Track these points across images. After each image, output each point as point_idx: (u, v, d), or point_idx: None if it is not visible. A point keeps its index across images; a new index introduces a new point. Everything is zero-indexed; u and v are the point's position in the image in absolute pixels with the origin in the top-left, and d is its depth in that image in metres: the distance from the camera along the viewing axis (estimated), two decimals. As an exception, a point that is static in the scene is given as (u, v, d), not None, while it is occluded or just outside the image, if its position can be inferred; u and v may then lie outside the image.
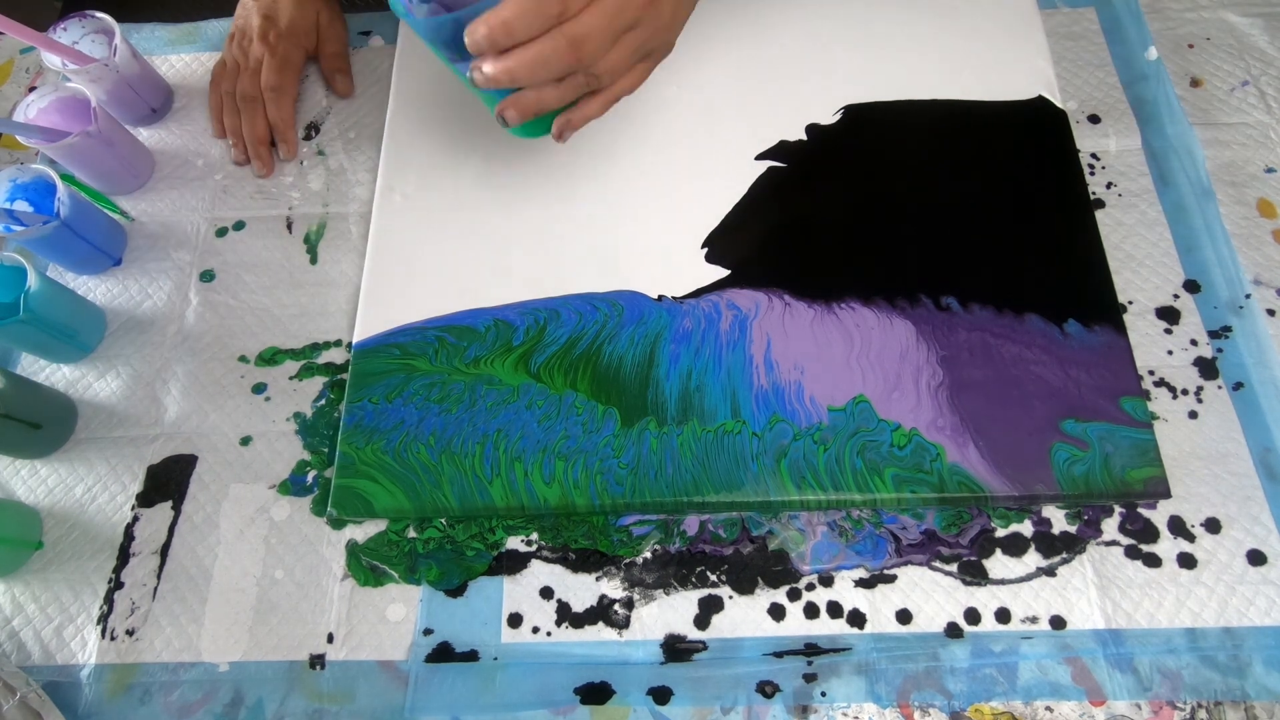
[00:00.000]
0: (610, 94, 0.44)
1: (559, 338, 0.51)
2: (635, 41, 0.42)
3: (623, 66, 0.42)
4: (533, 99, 0.41)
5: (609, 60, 0.41)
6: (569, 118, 0.44)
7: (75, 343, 0.54)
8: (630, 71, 0.43)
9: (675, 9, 0.43)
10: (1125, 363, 0.48)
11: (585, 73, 0.41)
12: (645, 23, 0.41)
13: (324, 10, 0.63)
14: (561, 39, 0.38)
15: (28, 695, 0.44)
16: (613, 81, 0.43)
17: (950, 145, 0.55)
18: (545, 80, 0.40)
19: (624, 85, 0.44)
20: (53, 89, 0.55)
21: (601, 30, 0.39)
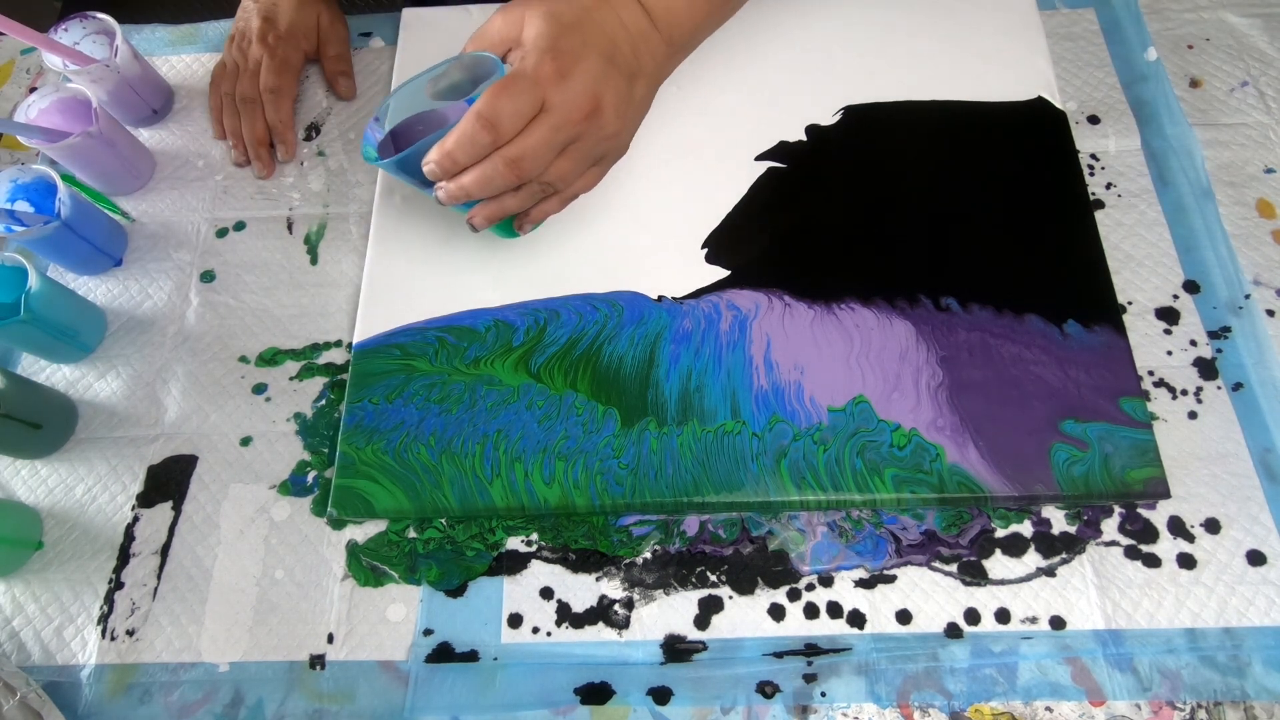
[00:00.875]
0: (566, 195, 0.47)
1: (559, 338, 0.51)
2: (580, 153, 0.44)
3: (573, 173, 0.45)
4: (494, 208, 0.45)
5: (557, 170, 0.44)
6: (528, 215, 0.47)
7: (76, 343, 0.54)
8: (583, 175, 0.46)
9: (621, 120, 0.44)
10: (1125, 363, 0.48)
11: (536, 182, 0.44)
12: (587, 135, 0.43)
13: (325, 12, 0.63)
14: (500, 161, 0.41)
15: (28, 695, 0.44)
16: (567, 186, 0.46)
17: (950, 146, 0.55)
18: (497, 192, 0.43)
19: (579, 187, 0.47)
20: (54, 90, 0.56)
21: (537, 150, 0.42)
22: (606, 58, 0.43)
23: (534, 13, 0.43)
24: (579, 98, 0.42)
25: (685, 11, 0.47)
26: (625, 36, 0.45)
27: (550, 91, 0.41)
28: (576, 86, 0.41)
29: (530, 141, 0.41)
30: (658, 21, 0.46)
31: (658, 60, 0.47)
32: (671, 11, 0.46)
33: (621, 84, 0.44)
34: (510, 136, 0.41)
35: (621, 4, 0.45)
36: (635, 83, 0.45)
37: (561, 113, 0.41)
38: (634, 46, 0.45)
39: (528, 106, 0.41)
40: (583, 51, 0.42)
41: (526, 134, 0.41)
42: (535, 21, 0.43)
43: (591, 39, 0.43)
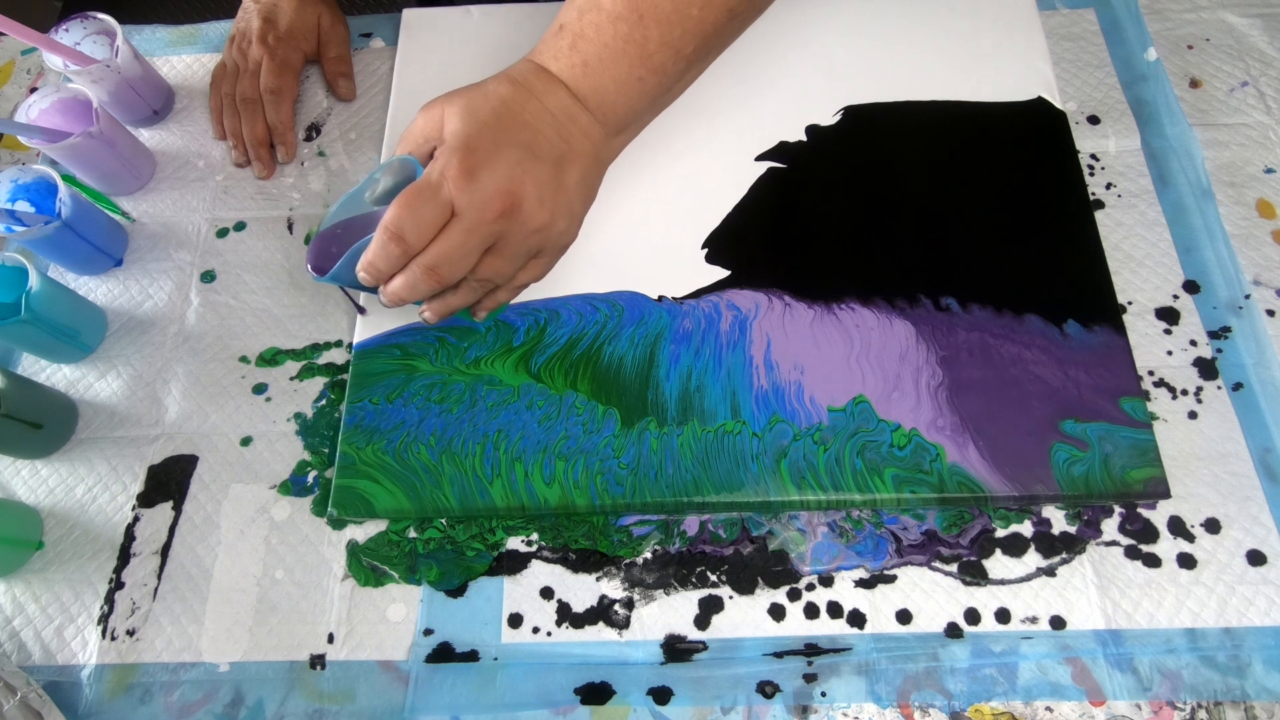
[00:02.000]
0: (513, 287, 0.47)
1: (559, 338, 0.51)
2: (509, 249, 0.43)
3: (507, 269, 0.44)
4: (438, 305, 0.45)
5: (488, 268, 0.43)
6: (480, 304, 0.47)
7: (76, 343, 0.54)
8: (525, 269, 0.45)
9: (548, 210, 0.42)
10: (1125, 363, 0.48)
11: (473, 279, 0.43)
12: (510, 232, 0.42)
13: (325, 13, 0.64)
14: (419, 269, 0.41)
15: (28, 695, 0.44)
16: (507, 280, 0.45)
17: (950, 146, 0.55)
18: (429, 295, 0.43)
19: (524, 279, 0.46)
20: (54, 90, 0.56)
21: (452, 255, 0.41)
22: (525, 148, 0.41)
23: (451, 110, 0.42)
24: (490, 198, 0.40)
25: (616, 95, 0.44)
26: (549, 122, 0.43)
27: (458, 194, 0.40)
28: (487, 186, 0.40)
29: (444, 248, 0.40)
30: (588, 104, 0.44)
31: (594, 141, 0.44)
32: (600, 94, 0.44)
33: (544, 173, 0.42)
34: (421, 245, 0.41)
35: (545, 90, 0.43)
36: (565, 168, 0.43)
37: (472, 214, 0.40)
38: (561, 131, 0.43)
39: (433, 214, 0.40)
40: (495, 148, 0.41)
41: (440, 240, 0.41)
42: (450, 119, 0.42)
43: (506, 132, 0.41)
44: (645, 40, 0.43)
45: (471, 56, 0.62)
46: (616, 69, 0.43)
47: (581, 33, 0.43)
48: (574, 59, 0.44)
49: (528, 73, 0.44)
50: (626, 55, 0.43)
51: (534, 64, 0.45)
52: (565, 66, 0.44)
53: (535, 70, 0.44)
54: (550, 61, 0.44)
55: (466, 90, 0.44)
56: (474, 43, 0.62)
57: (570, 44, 0.44)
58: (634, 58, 0.43)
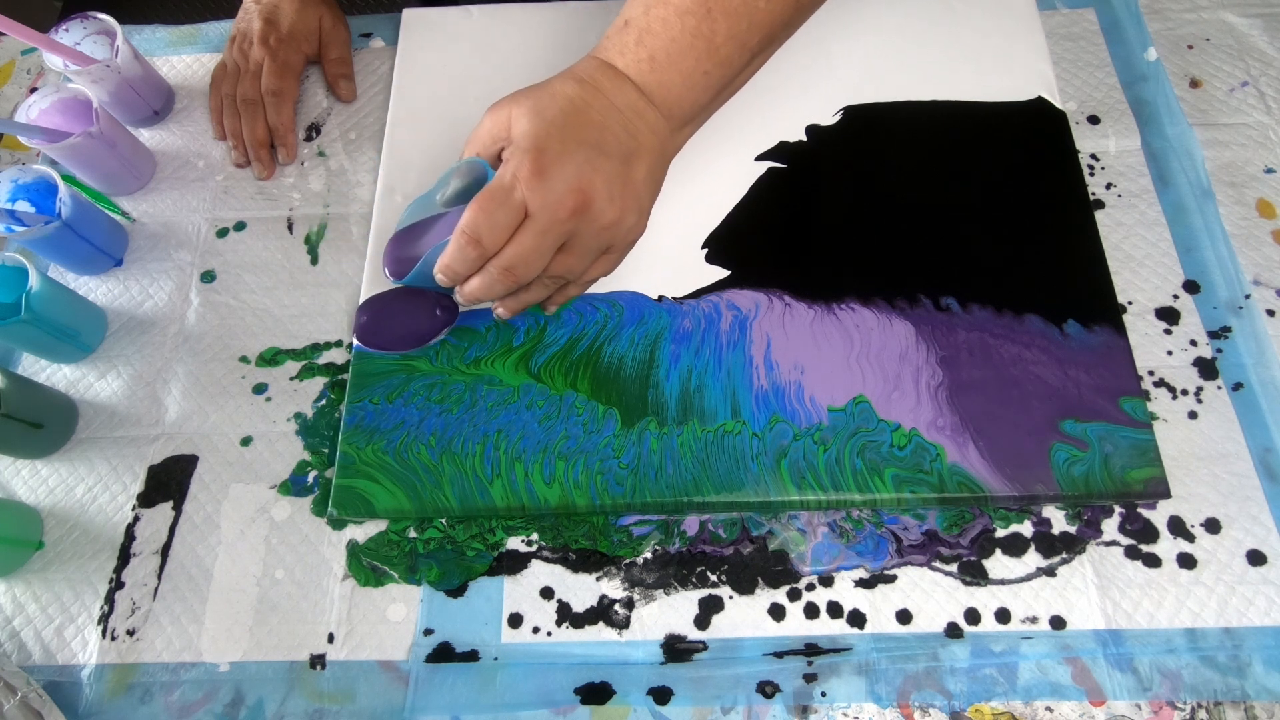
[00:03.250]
0: (583, 282, 0.48)
1: (559, 338, 0.51)
2: (580, 247, 0.44)
3: (579, 266, 0.45)
4: (513, 302, 0.47)
5: (560, 266, 0.44)
6: (550, 299, 0.49)
7: (76, 343, 0.54)
8: (594, 265, 0.46)
9: (618, 207, 0.43)
10: (1125, 363, 0.48)
11: (546, 277, 0.44)
12: (582, 230, 0.42)
13: (326, 14, 0.64)
14: (495, 269, 0.43)
15: (28, 695, 0.44)
16: (578, 276, 0.46)
17: (950, 146, 0.55)
18: (505, 294, 0.45)
19: (594, 274, 0.48)
20: (54, 90, 0.56)
21: (528, 255, 0.42)
22: (593, 147, 0.42)
23: (518, 111, 0.42)
24: (562, 197, 0.41)
25: (682, 89, 0.44)
26: (617, 118, 0.43)
27: (531, 196, 0.40)
28: (559, 186, 0.40)
29: (519, 249, 0.41)
30: (654, 98, 0.44)
31: (659, 136, 0.45)
32: (667, 88, 0.44)
33: (613, 170, 0.42)
34: (496, 247, 0.41)
35: (612, 87, 0.44)
36: (633, 164, 0.43)
37: (545, 215, 0.41)
38: (628, 127, 0.43)
39: (507, 216, 0.41)
40: (564, 147, 0.41)
41: (515, 242, 0.41)
42: (519, 120, 0.42)
43: (575, 131, 0.42)
44: (713, 34, 0.43)
45: (471, 56, 0.62)
46: (683, 63, 0.44)
47: (648, 28, 0.43)
48: (640, 54, 0.44)
49: (594, 70, 0.44)
50: (694, 49, 0.43)
51: (599, 61, 0.45)
52: (632, 62, 0.44)
53: (601, 67, 0.44)
54: (616, 58, 0.44)
55: (532, 90, 0.44)
56: (474, 43, 0.62)
57: (636, 39, 0.44)
58: (701, 51, 0.43)
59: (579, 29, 0.62)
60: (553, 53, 0.61)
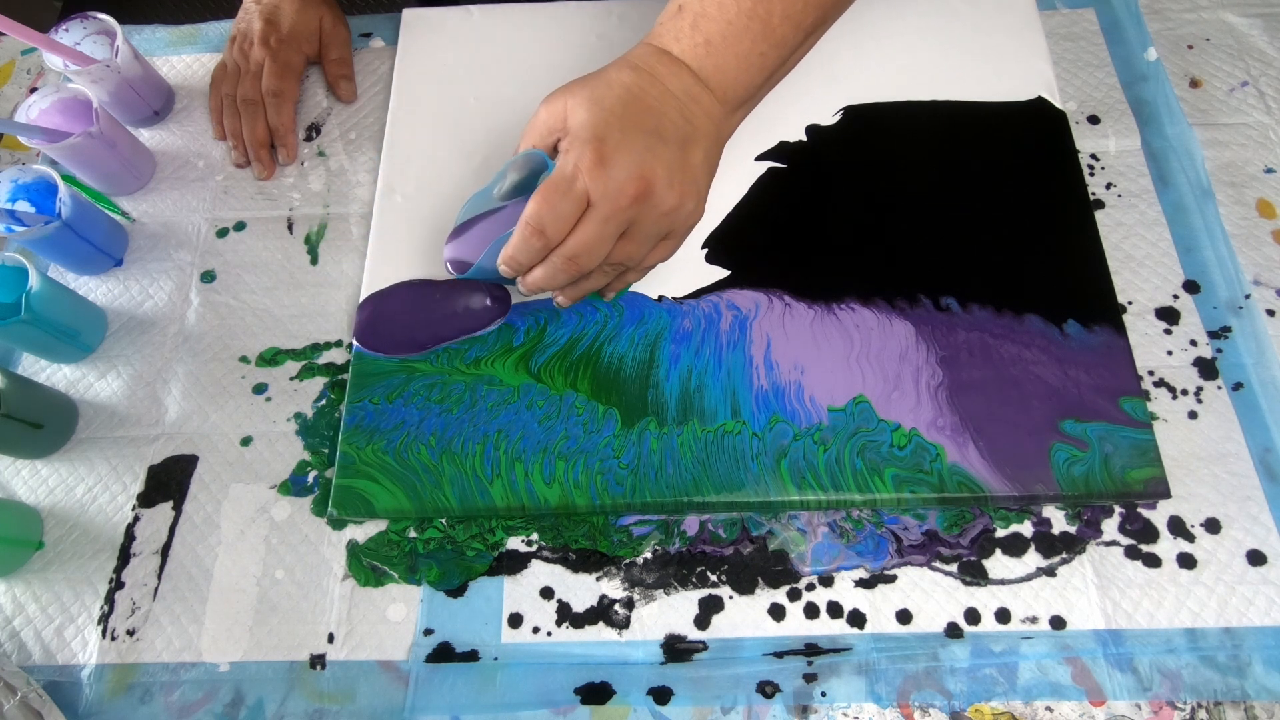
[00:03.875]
0: (642, 269, 0.48)
1: (559, 338, 0.51)
2: (640, 234, 0.44)
3: (640, 252, 0.45)
4: (573, 291, 0.48)
5: (621, 253, 0.44)
6: (609, 287, 0.50)
7: (76, 343, 0.54)
8: (654, 251, 0.46)
9: (678, 193, 0.43)
10: (1125, 363, 0.48)
11: (607, 264, 0.44)
12: (643, 217, 0.43)
13: (327, 15, 0.64)
14: (558, 259, 0.43)
15: (28, 695, 0.44)
16: (638, 263, 0.46)
17: (950, 146, 0.55)
18: (567, 283, 0.45)
19: (654, 260, 0.47)
20: (54, 90, 0.56)
21: (590, 245, 0.42)
22: (652, 133, 0.42)
23: (574, 101, 0.42)
24: (624, 184, 0.41)
25: (737, 71, 0.45)
26: (673, 104, 0.43)
27: (593, 185, 0.41)
28: (619, 174, 0.41)
29: (582, 238, 0.42)
30: (709, 82, 0.44)
31: (714, 120, 0.45)
32: (723, 72, 0.44)
33: (672, 155, 0.42)
34: (560, 238, 0.42)
35: (668, 73, 0.44)
36: (690, 149, 0.44)
37: (608, 204, 0.41)
38: (684, 112, 0.44)
39: (570, 207, 0.41)
40: (624, 135, 0.41)
41: (578, 231, 0.42)
42: (576, 111, 0.42)
43: (634, 119, 0.42)
44: (769, 15, 0.44)
45: (471, 56, 0.62)
46: (739, 45, 0.44)
47: (703, 11, 0.44)
48: (696, 39, 0.44)
49: (648, 56, 0.44)
50: (749, 31, 0.44)
51: (654, 47, 0.45)
52: (688, 47, 0.44)
53: (656, 53, 0.44)
54: (671, 43, 0.44)
55: (588, 80, 0.44)
56: (474, 43, 0.62)
57: (691, 24, 0.44)
58: (757, 33, 0.44)
59: (579, 29, 0.62)
60: (553, 53, 0.61)
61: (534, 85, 0.60)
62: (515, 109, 0.59)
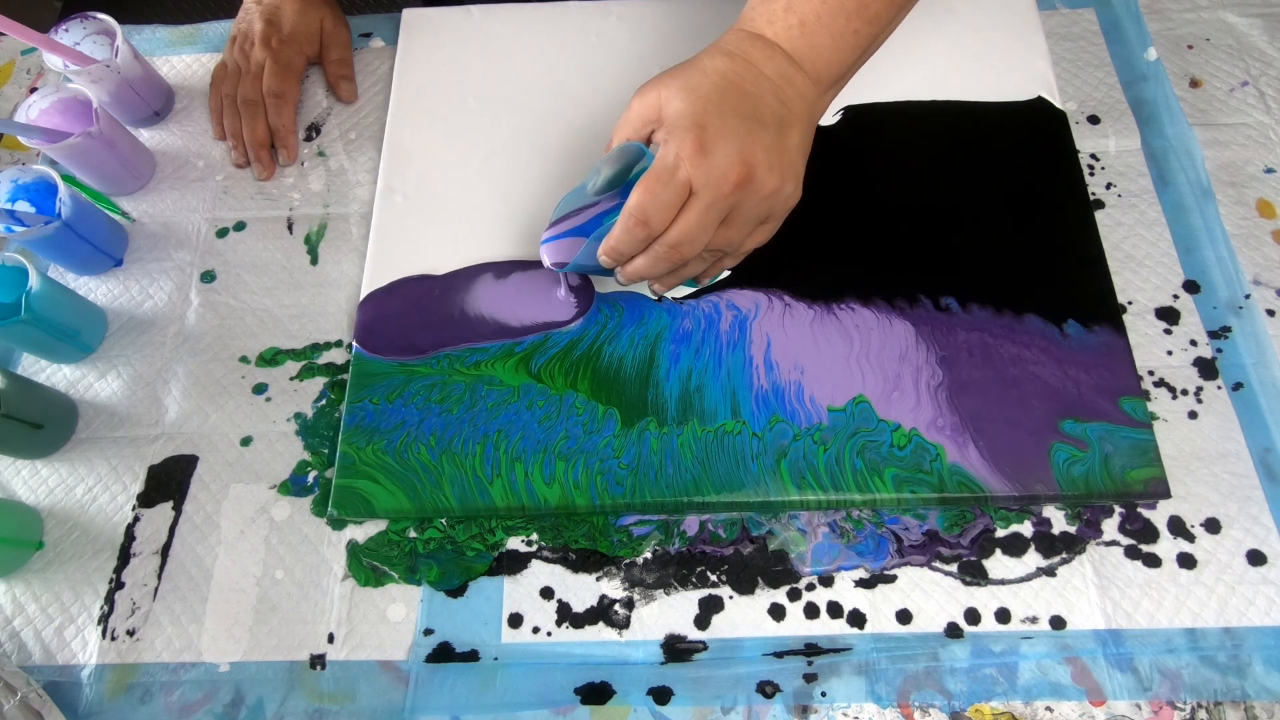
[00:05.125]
0: (739, 254, 0.47)
1: (560, 339, 0.51)
2: (741, 219, 0.43)
3: (739, 238, 0.45)
4: (671, 279, 0.47)
5: (722, 239, 0.44)
6: (705, 273, 0.49)
7: (76, 343, 0.54)
8: (753, 234, 0.46)
9: (778, 176, 0.42)
10: (1125, 363, 0.48)
11: (706, 250, 0.44)
12: (744, 202, 0.42)
13: (328, 16, 0.64)
14: (661, 248, 0.43)
15: (28, 695, 0.44)
16: (736, 248, 0.46)
17: (950, 146, 0.55)
18: (668, 271, 0.45)
19: (751, 244, 0.47)
20: (54, 90, 0.56)
21: (693, 233, 0.42)
22: (750, 118, 0.42)
23: (668, 92, 0.42)
24: (726, 171, 0.41)
25: (832, 50, 0.44)
26: (769, 88, 0.43)
27: (695, 172, 0.40)
28: (721, 161, 0.40)
29: (685, 227, 0.42)
30: (803, 64, 0.44)
31: (808, 101, 0.44)
32: (817, 52, 0.44)
33: (771, 139, 0.42)
34: (664, 227, 0.42)
35: (762, 57, 0.44)
36: (787, 131, 0.43)
37: (711, 191, 0.41)
38: (779, 95, 0.43)
39: (674, 196, 0.41)
40: (723, 122, 0.41)
41: (680, 220, 0.42)
42: (672, 100, 0.42)
43: (731, 105, 0.42)
44: None
45: (471, 56, 0.62)
46: (834, 24, 0.44)
47: None
48: (790, 20, 0.44)
49: (741, 41, 0.44)
50: (844, 9, 0.44)
51: (746, 32, 0.45)
52: (782, 29, 0.44)
53: (749, 38, 0.44)
54: (765, 27, 0.44)
55: (681, 70, 0.44)
56: (474, 43, 0.62)
57: (785, 6, 0.44)
58: (851, 10, 0.44)
59: (579, 29, 0.62)
60: (553, 53, 0.61)
61: (534, 85, 0.60)
62: (515, 109, 0.59)
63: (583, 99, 0.59)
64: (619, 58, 0.61)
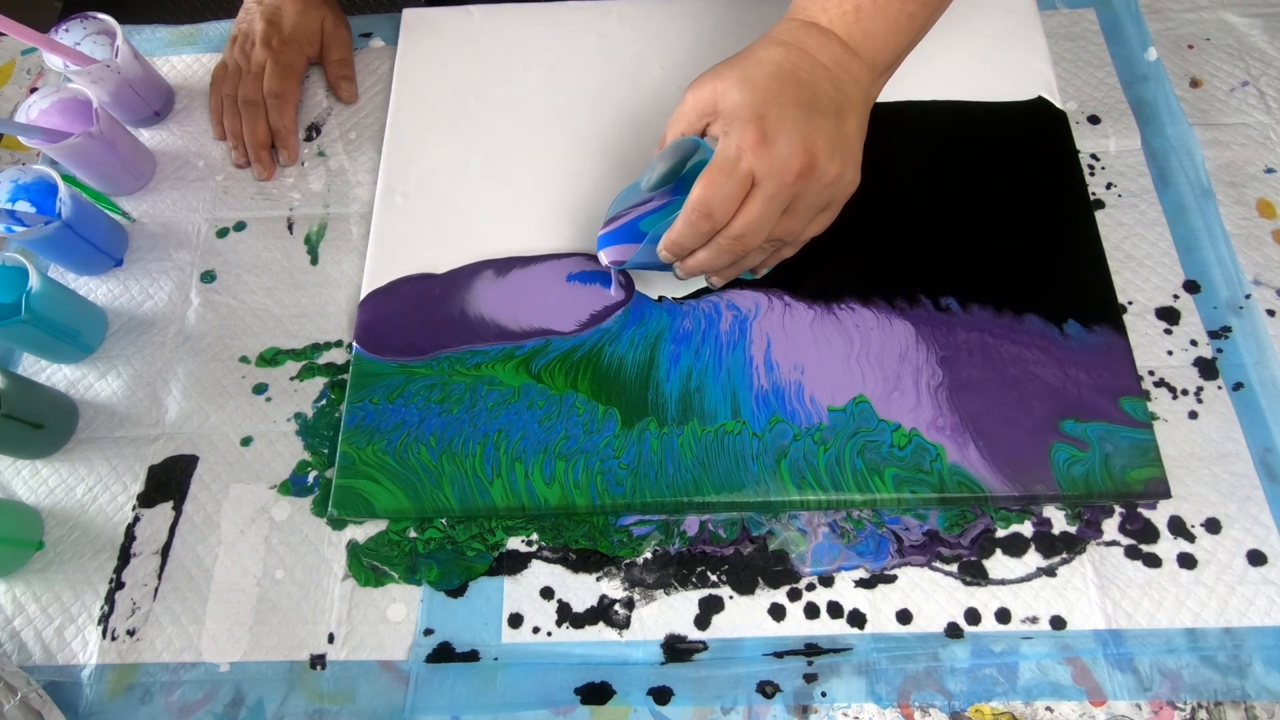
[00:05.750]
0: (798, 243, 0.47)
1: (560, 345, 0.51)
2: (803, 207, 0.43)
3: (800, 226, 0.45)
4: (731, 270, 0.47)
5: (784, 228, 0.44)
6: (764, 263, 0.49)
7: (76, 343, 0.54)
8: (813, 222, 0.46)
9: (839, 162, 0.42)
10: (1125, 363, 0.48)
11: (767, 241, 0.44)
12: (806, 192, 0.42)
13: (328, 16, 0.64)
14: (724, 240, 0.43)
15: (29, 695, 0.44)
16: (797, 237, 0.46)
17: (950, 146, 0.55)
18: (729, 264, 0.45)
19: (811, 233, 0.46)
20: (54, 90, 0.56)
21: (756, 223, 0.42)
22: (808, 106, 0.42)
23: (724, 85, 0.42)
24: (789, 160, 0.40)
25: (887, 34, 0.44)
26: (825, 75, 0.43)
27: (758, 163, 0.40)
28: (784, 150, 0.40)
29: (748, 218, 0.42)
30: (858, 49, 0.44)
31: (863, 86, 0.45)
32: (873, 37, 0.44)
33: (829, 126, 0.42)
34: (727, 219, 0.42)
35: (817, 45, 0.43)
36: (845, 118, 0.43)
37: (774, 181, 0.41)
38: (835, 82, 0.43)
39: (737, 188, 0.41)
40: (784, 111, 0.41)
41: (744, 211, 0.42)
42: (729, 93, 0.42)
43: (790, 94, 0.42)
44: None
45: (471, 56, 0.62)
46: (890, 8, 0.44)
47: None
48: (845, 6, 0.44)
49: (794, 30, 0.44)
50: None
51: (799, 21, 0.45)
52: (836, 16, 0.44)
53: (803, 27, 0.44)
54: (819, 14, 0.44)
55: (735, 62, 0.44)
56: (474, 43, 0.62)
57: None
58: None
59: (579, 29, 0.62)
60: (552, 53, 0.61)
61: (534, 85, 0.60)
62: (515, 109, 0.59)
63: (583, 99, 0.59)
64: (619, 58, 0.61)
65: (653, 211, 0.47)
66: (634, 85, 0.59)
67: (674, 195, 0.47)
